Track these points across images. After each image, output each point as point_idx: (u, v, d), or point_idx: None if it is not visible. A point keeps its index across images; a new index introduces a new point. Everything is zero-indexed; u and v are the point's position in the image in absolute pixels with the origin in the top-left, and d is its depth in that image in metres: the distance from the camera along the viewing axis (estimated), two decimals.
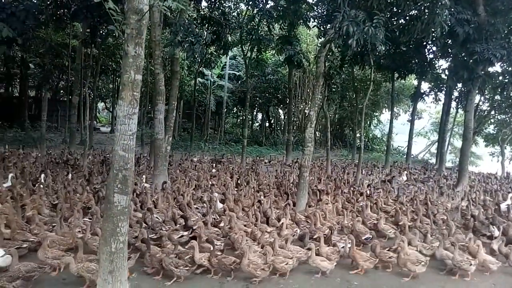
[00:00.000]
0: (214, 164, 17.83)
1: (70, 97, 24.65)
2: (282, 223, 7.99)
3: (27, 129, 26.14)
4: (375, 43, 9.06)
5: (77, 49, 20.09)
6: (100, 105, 46.72)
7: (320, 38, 18.47)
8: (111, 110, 41.51)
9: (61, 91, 33.79)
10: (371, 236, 7.59)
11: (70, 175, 11.65)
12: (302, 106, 37.17)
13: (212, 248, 5.98)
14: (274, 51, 25.09)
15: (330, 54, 16.62)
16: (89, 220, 7.17)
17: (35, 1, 13.47)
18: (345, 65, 17.75)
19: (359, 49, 12.52)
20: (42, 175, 10.93)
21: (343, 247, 6.74)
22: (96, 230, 6.46)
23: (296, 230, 7.87)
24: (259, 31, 18.49)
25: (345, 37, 8.96)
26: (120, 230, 4.69)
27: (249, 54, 20.19)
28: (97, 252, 5.65)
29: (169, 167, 13.14)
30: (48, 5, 13.84)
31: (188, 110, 36.31)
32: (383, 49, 9.62)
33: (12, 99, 29.52)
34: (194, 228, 7.21)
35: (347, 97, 29.57)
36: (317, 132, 33.09)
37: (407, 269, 6.08)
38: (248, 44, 19.44)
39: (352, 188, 12.73)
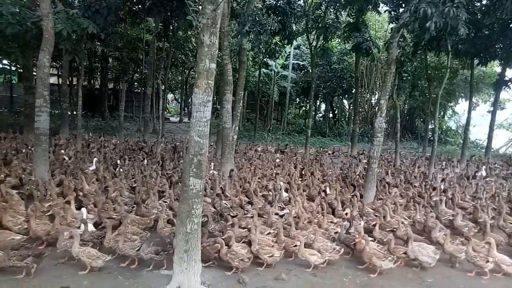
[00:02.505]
0: (277, 154, 17.94)
1: (144, 88, 26.30)
2: (347, 213, 7.84)
3: (106, 118, 28.49)
4: (456, 25, 8.37)
5: (150, 43, 21.30)
6: (170, 96, 49.15)
7: (391, 24, 17.51)
8: (179, 101, 43.56)
9: (135, 83, 36.12)
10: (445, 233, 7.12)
11: (145, 161, 12.48)
12: (368, 96, 35.79)
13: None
14: (340, 39, 24.42)
15: (402, 40, 15.71)
16: (164, 202, 7.64)
17: None
18: (418, 51, 16.67)
19: (435, 34, 11.69)
20: (118, 161, 11.86)
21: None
22: (167, 212, 6.91)
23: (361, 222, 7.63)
24: (326, 19, 18.04)
25: (421, 20, 8.39)
26: (195, 212, 4.95)
27: (314, 43, 19.83)
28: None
29: (234, 156, 13.47)
30: (126, 1, 14.78)
31: (252, 100, 36.84)
32: (466, 31, 8.81)
33: (94, 91, 32.28)
34: (248, 216, 7.29)
35: (419, 85, 27.82)
36: (384, 123, 31.66)
37: (372, 264, 5.72)
38: (314, 32, 19.08)
39: (424, 182, 12.05)
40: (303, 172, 12.73)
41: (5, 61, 20.14)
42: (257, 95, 30.91)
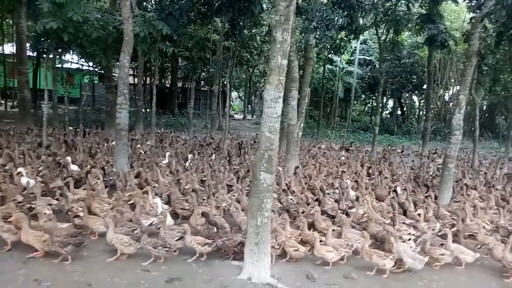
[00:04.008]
0: (342, 152, 17.57)
1: (210, 87, 27.22)
2: (419, 214, 7.43)
3: (176, 115, 30.02)
4: None
5: (217, 43, 21.98)
6: (233, 94, 50.37)
7: (470, 14, 16.15)
8: (243, 98, 44.45)
9: (202, 82, 37.58)
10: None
11: (213, 156, 12.96)
12: (441, 92, 33.52)
13: (216, 230, 5.78)
14: (411, 32, 23.14)
15: (483, 30, 14.44)
16: (232, 195, 7.89)
17: (184, 1, 15.13)
18: (502, 42, 15.17)
19: None
20: (189, 155, 12.44)
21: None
22: (236, 205, 7.11)
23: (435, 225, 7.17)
24: (396, 11, 17.19)
25: (509, 8, 7.66)
26: (265, 206, 5.04)
27: (383, 37, 19.03)
28: None
29: (298, 153, 13.42)
30: (195, 3, 15.45)
31: (315, 97, 36.41)
32: None
33: (164, 89, 34.21)
34: (311, 213, 7.23)
35: (501, 80, 25.35)
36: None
37: (374, 263, 5.42)
38: (384, 26, 18.29)
39: (507, 185, 11.01)
40: (370, 171, 12.32)
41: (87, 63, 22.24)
42: (321, 91, 30.49)
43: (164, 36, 13.37)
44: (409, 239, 6.18)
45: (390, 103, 43.59)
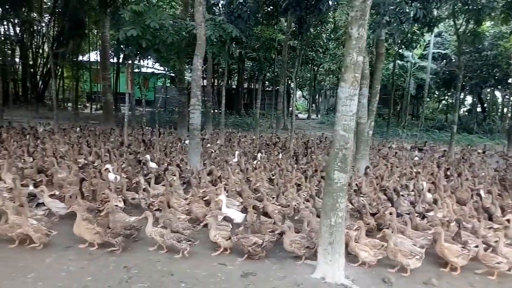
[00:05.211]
0: (416, 152, 16.63)
1: (276, 87, 27.43)
2: (508, 220, 6.77)
3: (242, 115, 30.70)
4: None
5: (283, 42, 22.06)
6: (298, 93, 50.21)
7: None
8: (307, 97, 44.11)
9: (267, 82, 37.99)
10: None
11: (280, 155, 13.05)
12: None
13: (232, 226, 5.64)
14: (494, 21, 21.18)
15: None
16: (302, 194, 7.89)
17: (252, 3, 15.41)
18: None
19: None
20: (259, 154, 12.64)
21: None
22: (307, 204, 7.09)
23: None
24: None
25: None
26: (339, 206, 4.96)
27: (462, 28, 17.63)
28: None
29: (368, 152, 12.98)
30: (262, 4, 15.67)
31: (384, 95, 34.88)
32: None
33: (231, 90, 35.20)
34: (385, 214, 6.87)
35: None
36: None
37: (398, 261, 5.17)
38: (463, 16, 16.95)
39: None
40: (448, 173, 11.50)
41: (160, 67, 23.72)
42: (391, 88, 29.17)
43: (233, 38, 13.73)
44: (476, 246, 5.65)
45: (469, 99, 40.35)
